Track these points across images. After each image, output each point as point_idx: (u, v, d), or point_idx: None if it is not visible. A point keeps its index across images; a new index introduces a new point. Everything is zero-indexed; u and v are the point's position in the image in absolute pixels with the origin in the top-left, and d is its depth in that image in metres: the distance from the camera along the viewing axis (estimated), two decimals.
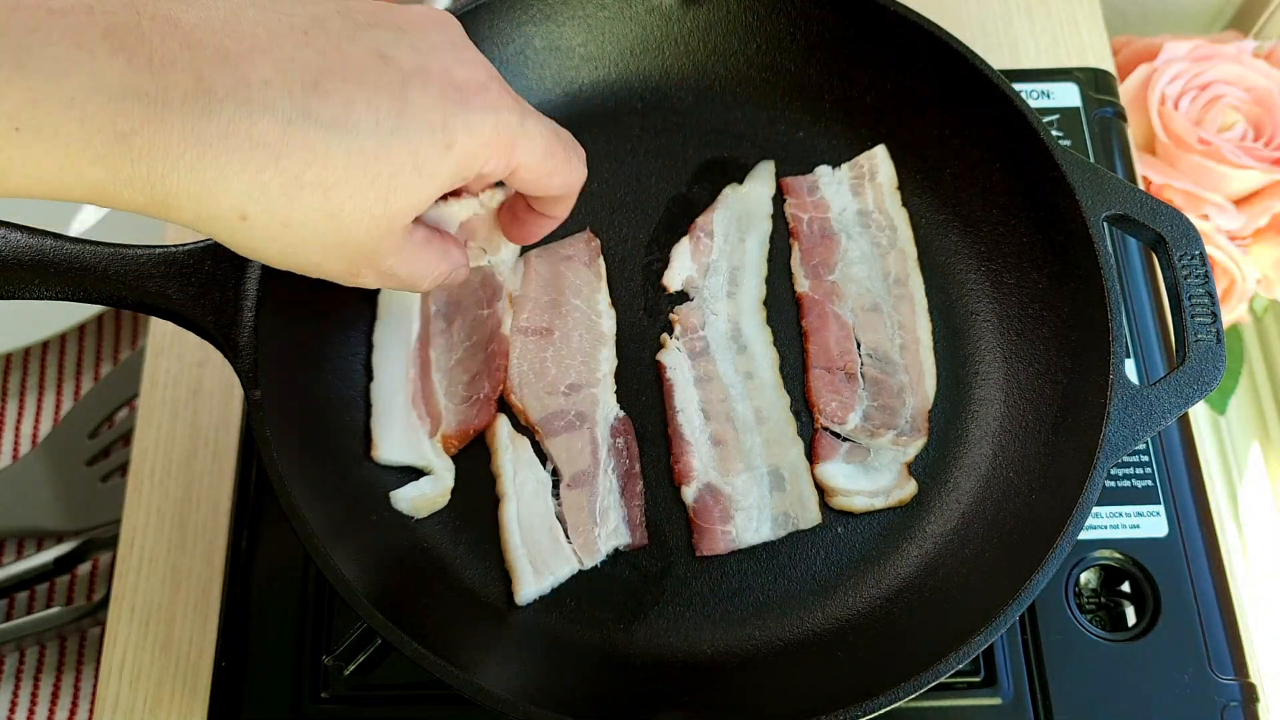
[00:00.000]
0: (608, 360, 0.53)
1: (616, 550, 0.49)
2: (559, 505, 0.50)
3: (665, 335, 0.54)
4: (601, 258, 0.55)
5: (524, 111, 0.39)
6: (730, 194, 0.57)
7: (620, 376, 0.53)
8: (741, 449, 0.51)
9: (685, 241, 0.56)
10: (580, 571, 0.49)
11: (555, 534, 0.49)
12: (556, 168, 0.41)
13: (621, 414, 0.52)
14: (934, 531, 0.50)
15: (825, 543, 0.50)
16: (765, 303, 0.55)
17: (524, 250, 0.55)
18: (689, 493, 0.50)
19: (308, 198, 0.33)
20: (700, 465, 0.51)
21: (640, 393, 0.53)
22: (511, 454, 0.50)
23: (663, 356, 0.53)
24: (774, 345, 0.53)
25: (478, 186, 0.45)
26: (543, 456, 0.51)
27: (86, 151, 0.29)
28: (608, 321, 0.54)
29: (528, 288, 0.54)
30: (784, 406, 0.52)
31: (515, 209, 0.47)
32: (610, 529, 0.49)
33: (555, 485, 0.50)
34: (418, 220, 0.39)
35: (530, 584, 0.48)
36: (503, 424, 0.51)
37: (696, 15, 0.57)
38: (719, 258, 0.55)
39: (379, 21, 0.36)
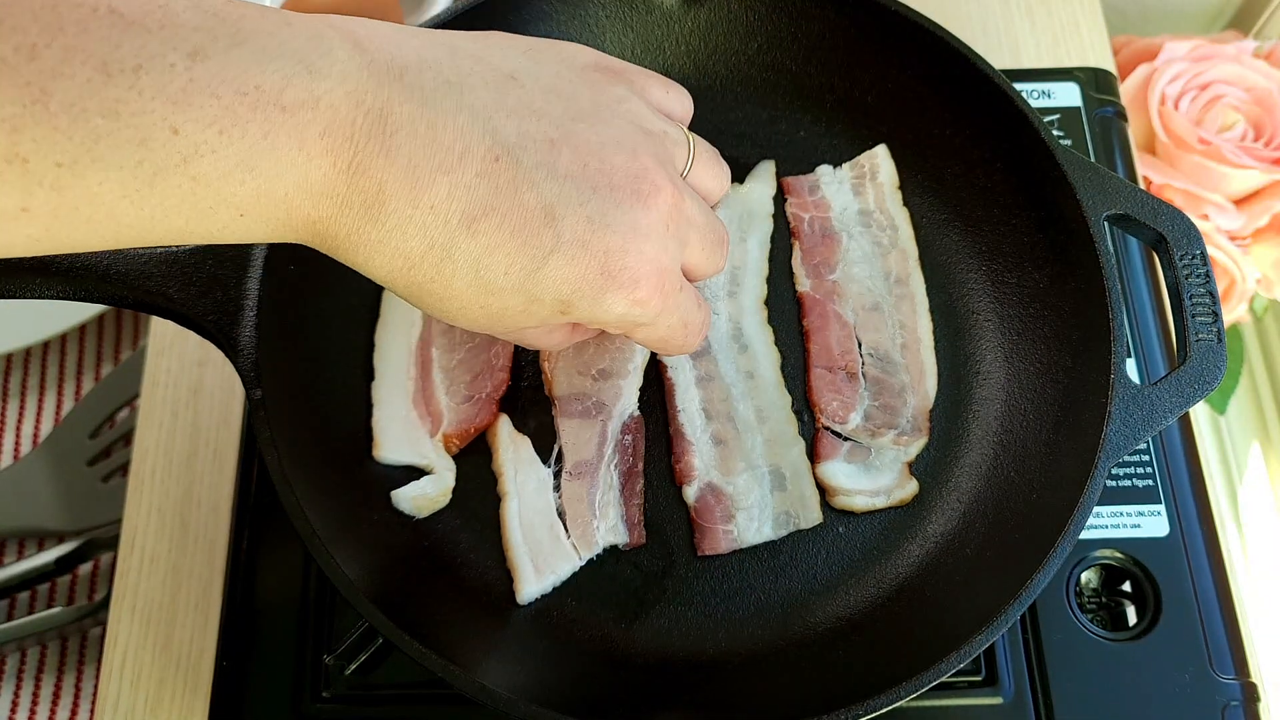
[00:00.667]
0: (643, 352, 0.53)
1: (616, 549, 0.49)
2: (559, 498, 0.50)
3: None
4: None
5: (662, 308, 0.39)
6: (731, 194, 0.57)
7: None
8: (743, 449, 0.51)
9: None
10: (581, 571, 0.49)
11: (556, 531, 0.49)
12: (665, 348, 0.43)
13: (637, 413, 0.52)
14: (935, 531, 0.50)
15: (826, 542, 0.50)
16: (766, 302, 0.55)
17: None
18: (690, 492, 0.50)
19: (425, 298, 0.37)
20: (701, 465, 0.51)
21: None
22: (512, 453, 0.50)
23: (664, 356, 0.53)
24: (775, 345, 0.53)
25: None
26: (543, 454, 0.51)
27: (285, 227, 0.34)
28: None
29: None
30: (785, 406, 0.52)
31: None
32: (609, 525, 0.49)
33: (556, 481, 0.50)
34: None
35: (532, 583, 0.48)
36: (504, 423, 0.51)
37: (697, 15, 0.57)
38: None
39: (580, 173, 0.36)
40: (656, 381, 0.53)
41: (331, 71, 0.32)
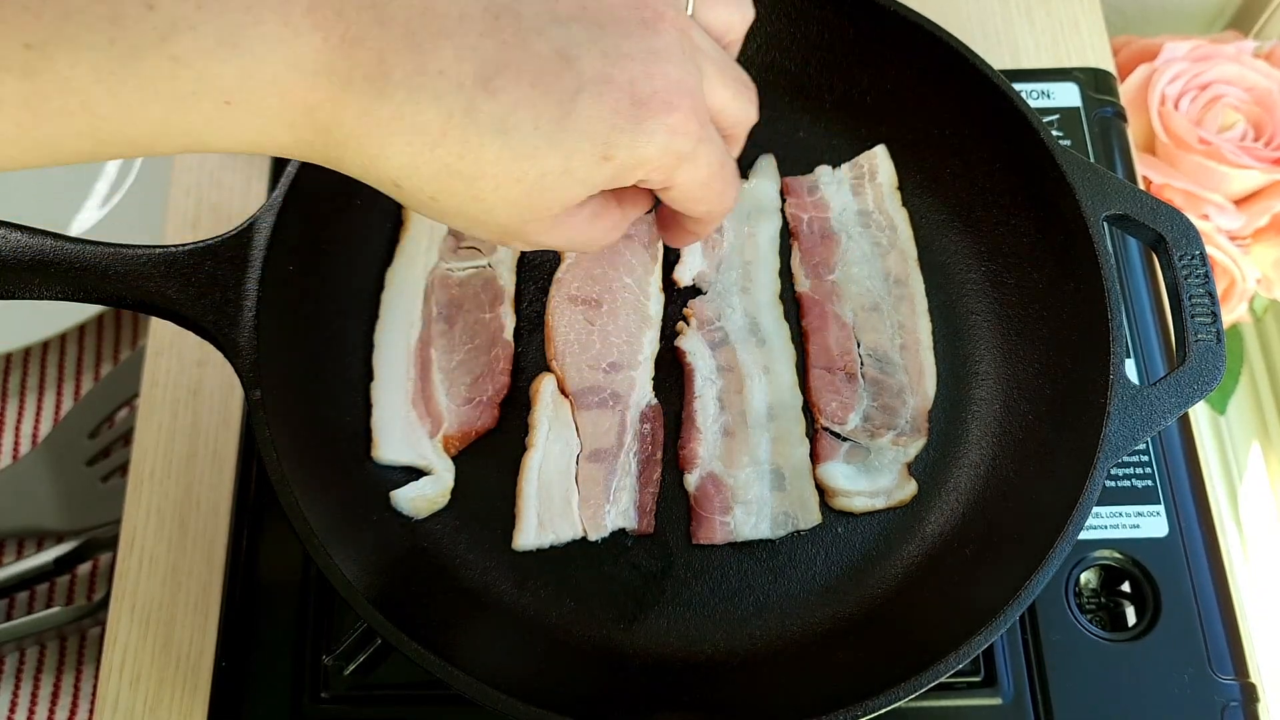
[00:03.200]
0: (650, 343, 0.53)
1: (618, 546, 0.49)
2: (578, 473, 0.50)
3: (681, 323, 0.54)
4: (661, 241, 0.55)
5: (701, 137, 0.37)
6: None
7: None
8: (749, 443, 0.51)
9: None
10: (581, 572, 0.49)
11: (569, 497, 0.50)
12: (708, 197, 0.40)
13: (655, 401, 0.52)
14: (934, 531, 0.50)
15: (825, 543, 0.50)
16: (781, 296, 0.55)
17: None
18: (691, 479, 0.50)
19: (455, 183, 0.34)
20: (706, 454, 0.51)
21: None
22: (551, 412, 0.51)
23: (681, 342, 0.53)
24: (792, 341, 0.53)
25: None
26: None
27: (280, 121, 0.32)
28: (655, 305, 0.54)
29: (581, 257, 0.54)
30: (796, 407, 0.52)
31: (663, 209, 0.45)
32: (620, 509, 0.50)
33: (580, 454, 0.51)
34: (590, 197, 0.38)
35: (531, 535, 0.49)
36: (549, 382, 0.52)
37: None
38: (731, 252, 0.55)
39: (580, 14, 0.35)
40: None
41: None
